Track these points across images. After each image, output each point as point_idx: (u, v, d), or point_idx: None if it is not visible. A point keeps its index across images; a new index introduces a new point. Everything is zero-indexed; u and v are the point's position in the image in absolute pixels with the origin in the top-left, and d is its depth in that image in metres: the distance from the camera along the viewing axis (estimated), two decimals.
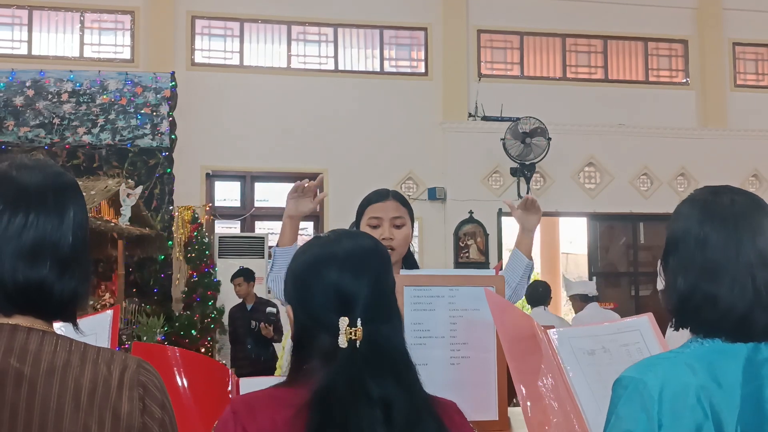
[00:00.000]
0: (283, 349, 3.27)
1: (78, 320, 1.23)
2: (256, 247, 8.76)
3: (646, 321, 1.91)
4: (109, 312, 1.95)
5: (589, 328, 1.94)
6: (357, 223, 2.53)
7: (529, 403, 1.67)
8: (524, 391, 1.68)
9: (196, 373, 1.87)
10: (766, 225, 1.40)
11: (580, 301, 6.22)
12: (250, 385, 1.79)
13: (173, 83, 8.82)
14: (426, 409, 1.30)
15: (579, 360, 1.79)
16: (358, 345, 1.27)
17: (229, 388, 1.84)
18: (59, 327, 1.20)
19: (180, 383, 1.83)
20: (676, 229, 1.45)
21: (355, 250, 1.36)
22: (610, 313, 6.22)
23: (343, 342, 1.27)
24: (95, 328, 1.88)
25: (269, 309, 6.94)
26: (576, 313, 6.29)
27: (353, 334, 1.27)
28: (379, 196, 2.52)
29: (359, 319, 1.28)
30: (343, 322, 1.28)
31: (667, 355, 1.40)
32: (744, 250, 1.37)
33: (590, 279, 9.49)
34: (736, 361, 1.33)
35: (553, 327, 2.00)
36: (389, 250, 2.39)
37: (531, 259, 2.63)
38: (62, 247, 1.17)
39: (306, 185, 2.44)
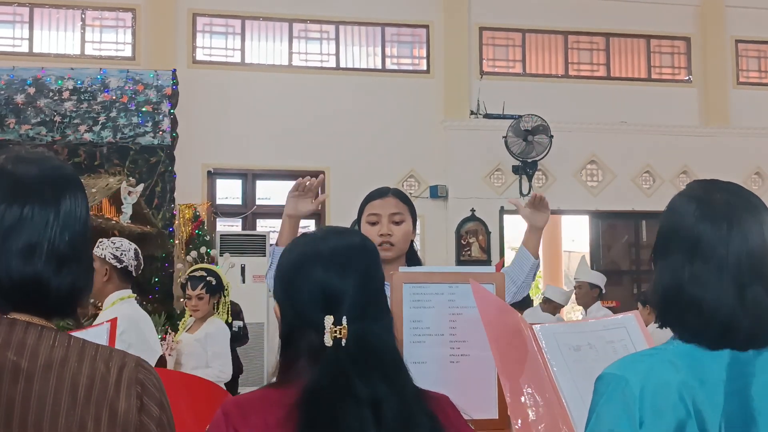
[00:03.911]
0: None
1: (74, 332, 1.21)
2: (257, 245, 8.74)
3: (632, 318, 1.91)
4: (107, 324, 1.88)
5: (574, 324, 1.94)
6: (358, 221, 2.52)
7: (509, 398, 1.66)
8: (509, 386, 1.68)
9: (194, 396, 1.84)
10: (759, 226, 1.35)
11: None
12: None
13: (174, 81, 8.81)
14: (418, 407, 1.28)
15: (564, 356, 1.79)
16: (343, 343, 1.25)
17: None
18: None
19: (177, 407, 1.80)
20: (666, 225, 1.41)
21: (341, 248, 1.34)
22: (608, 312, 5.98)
23: (328, 340, 1.25)
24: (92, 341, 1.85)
25: None
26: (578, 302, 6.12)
27: (338, 332, 1.25)
28: (379, 193, 2.51)
29: (345, 317, 1.27)
30: (328, 320, 1.26)
31: (650, 352, 1.38)
32: (733, 252, 1.32)
33: None
34: (720, 359, 1.31)
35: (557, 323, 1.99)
36: (389, 246, 2.39)
37: (538, 257, 2.59)
38: (58, 242, 1.15)
39: (308, 183, 2.40)
